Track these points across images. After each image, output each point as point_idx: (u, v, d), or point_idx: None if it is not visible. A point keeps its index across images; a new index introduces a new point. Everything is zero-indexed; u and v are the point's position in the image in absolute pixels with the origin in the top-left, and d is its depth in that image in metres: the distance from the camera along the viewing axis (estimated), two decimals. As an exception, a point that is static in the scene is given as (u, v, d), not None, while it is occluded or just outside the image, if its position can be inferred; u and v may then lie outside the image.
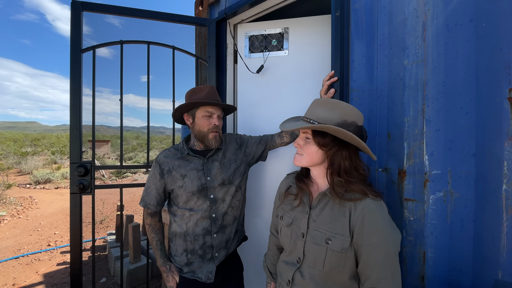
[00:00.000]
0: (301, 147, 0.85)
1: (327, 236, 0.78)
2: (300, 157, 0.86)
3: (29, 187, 8.68)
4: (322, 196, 0.84)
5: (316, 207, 0.84)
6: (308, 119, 0.82)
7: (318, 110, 0.81)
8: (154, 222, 1.25)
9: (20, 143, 32.16)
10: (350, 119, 0.78)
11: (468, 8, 0.81)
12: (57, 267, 3.39)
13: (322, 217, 0.82)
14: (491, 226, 0.77)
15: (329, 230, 0.79)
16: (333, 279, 0.78)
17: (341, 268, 0.76)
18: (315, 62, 1.58)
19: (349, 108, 0.79)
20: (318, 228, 0.81)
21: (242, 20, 1.75)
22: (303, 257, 0.84)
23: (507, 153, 0.74)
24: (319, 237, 0.80)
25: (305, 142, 0.84)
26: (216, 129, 1.18)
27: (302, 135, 0.86)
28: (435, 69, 0.88)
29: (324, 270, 0.78)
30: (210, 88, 1.21)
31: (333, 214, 0.80)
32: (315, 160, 0.83)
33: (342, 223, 0.77)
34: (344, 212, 0.78)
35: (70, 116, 1.53)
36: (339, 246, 0.76)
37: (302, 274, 0.83)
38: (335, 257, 0.76)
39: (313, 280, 0.81)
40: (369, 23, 1.07)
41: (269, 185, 1.68)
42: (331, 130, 0.76)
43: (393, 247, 0.73)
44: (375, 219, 0.73)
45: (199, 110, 1.19)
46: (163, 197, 1.24)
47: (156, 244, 1.23)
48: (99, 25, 1.66)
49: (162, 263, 1.21)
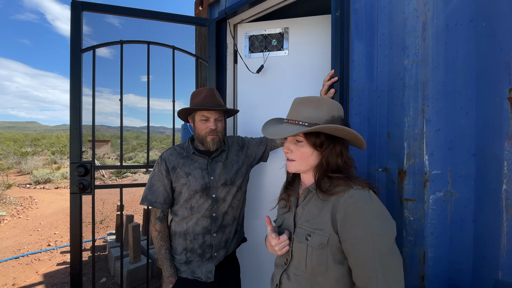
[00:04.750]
0: (292, 152, 0.79)
1: (307, 232, 0.74)
2: (293, 163, 0.80)
3: (29, 187, 8.69)
4: (307, 193, 0.81)
5: (301, 203, 0.82)
6: (296, 121, 0.76)
7: (304, 109, 0.77)
8: (164, 228, 1.20)
9: (20, 143, 32.16)
10: (336, 113, 0.77)
11: (468, 8, 0.81)
12: (57, 267, 3.39)
13: (305, 213, 0.79)
14: (491, 226, 0.77)
15: (310, 226, 0.75)
16: (319, 282, 0.72)
17: (323, 268, 0.71)
18: (315, 62, 1.58)
19: (333, 103, 0.78)
20: (301, 225, 0.78)
21: (242, 20, 1.75)
22: (290, 258, 0.80)
23: (507, 153, 0.74)
24: (301, 233, 0.76)
25: (296, 145, 0.79)
26: (213, 133, 1.19)
27: (291, 138, 0.80)
28: (435, 69, 0.87)
29: (307, 270, 0.73)
30: (208, 91, 1.21)
31: (315, 210, 0.76)
32: (310, 163, 0.78)
33: (322, 217, 0.73)
34: (326, 206, 0.73)
35: (70, 116, 1.53)
36: (317, 242, 0.71)
37: (288, 277, 0.79)
38: (315, 254, 0.71)
39: (298, 283, 0.75)
40: (369, 23, 1.07)
41: (269, 186, 1.68)
42: (332, 129, 0.73)
43: (383, 241, 0.65)
44: (358, 210, 0.66)
45: (197, 115, 1.21)
46: (170, 195, 1.22)
47: (165, 253, 1.18)
48: (99, 25, 1.66)
49: (171, 275, 1.16)
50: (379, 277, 0.63)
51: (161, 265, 1.19)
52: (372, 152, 1.06)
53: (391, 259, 0.65)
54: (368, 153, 1.07)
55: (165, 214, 1.22)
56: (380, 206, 0.70)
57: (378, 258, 0.64)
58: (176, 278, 1.17)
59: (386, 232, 0.66)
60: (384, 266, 0.64)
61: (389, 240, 0.66)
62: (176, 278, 1.17)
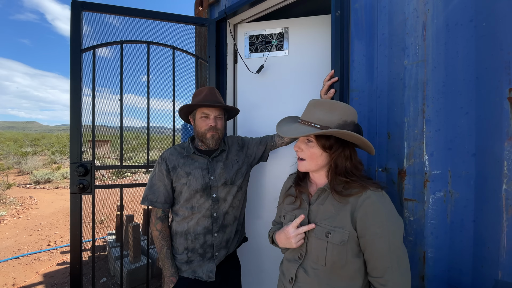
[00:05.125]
0: (302, 151, 0.84)
1: (327, 230, 0.79)
2: (303, 162, 0.85)
3: (29, 187, 8.68)
4: (321, 192, 0.85)
5: (315, 202, 0.85)
6: (309, 122, 0.81)
7: (317, 112, 0.80)
8: (165, 227, 1.21)
9: (20, 143, 32.16)
10: (349, 118, 0.79)
11: (468, 8, 0.81)
12: (57, 267, 3.39)
13: (322, 212, 0.82)
14: (491, 226, 0.77)
15: (329, 224, 0.79)
16: (337, 275, 0.78)
17: (343, 262, 0.76)
18: (315, 62, 1.58)
19: (347, 108, 0.80)
20: (319, 223, 0.81)
21: (242, 20, 1.75)
22: (305, 253, 0.84)
23: (507, 153, 0.74)
24: (320, 231, 0.80)
25: (306, 145, 0.83)
26: (213, 130, 1.20)
27: (303, 138, 0.85)
28: (435, 69, 0.87)
29: (327, 265, 0.78)
30: (208, 90, 1.24)
31: (333, 208, 0.80)
32: (319, 163, 0.83)
33: (342, 217, 0.77)
34: (344, 206, 0.78)
35: (70, 116, 1.53)
36: (338, 239, 0.76)
37: (305, 271, 0.83)
38: (336, 251, 0.76)
39: (317, 276, 0.80)
40: (369, 23, 1.07)
41: (270, 186, 1.68)
42: (341, 134, 0.76)
43: (397, 236, 0.73)
44: (377, 210, 0.73)
45: (197, 112, 1.23)
46: (171, 194, 1.22)
47: (166, 252, 1.18)
48: (99, 25, 1.66)
49: (172, 274, 1.17)
50: (394, 267, 0.72)
51: (162, 265, 1.19)
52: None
53: (402, 251, 0.74)
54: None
55: (166, 214, 1.22)
56: (392, 206, 0.77)
57: (393, 251, 0.72)
58: (177, 278, 1.17)
59: (398, 228, 0.75)
60: (398, 257, 0.73)
61: (401, 235, 0.75)
62: (177, 278, 1.17)
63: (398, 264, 0.72)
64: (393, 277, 0.72)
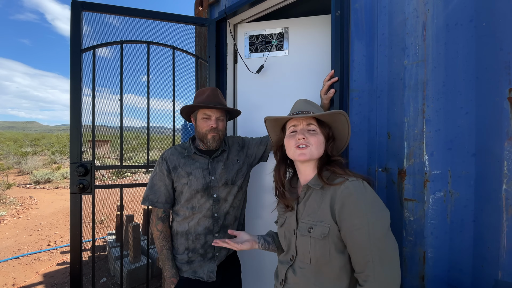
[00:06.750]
0: (307, 139, 0.82)
1: (309, 225, 0.79)
2: (308, 149, 0.81)
3: (29, 187, 8.69)
4: (306, 189, 0.85)
5: (302, 201, 0.86)
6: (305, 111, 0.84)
7: (309, 106, 0.87)
8: (165, 228, 1.20)
9: (20, 143, 32.16)
10: None
11: (468, 8, 0.81)
12: (57, 267, 3.39)
13: (307, 209, 0.83)
14: (491, 226, 0.77)
15: (311, 219, 0.79)
16: (323, 272, 0.77)
17: (327, 258, 0.74)
18: (315, 62, 1.58)
19: None
20: (303, 220, 0.82)
21: (242, 20, 1.75)
22: (295, 254, 0.83)
23: (507, 153, 0.74)
24: (303, 227, 0.80)
25: (309, 134, 0.83)
26: (214, 131, 1.20)
27: (305, 127, 0.84)
28: (435, 69, 0.88)
29: (312, 262, 0.77)
30: (211, 90, 1.23)
31: (315, 204, 0.80)
32: (321, 152, 0.83)
33: (322, 210, 0.77)
34: (325, 199, 0.78)
35: (70, 116, 1.53)
36: (319, 233, 0.75)
37: (294, 271, 0.83)
38: (318, 245, 0.75)
39: (304, 276, 0.79)
40: (369, 23, 1.07)
41: (270, 186, 1.67)
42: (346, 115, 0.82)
43: (378, 227, 0.69)
44: (355, 200, 0.71)
45: (199, 113, 1.23)
46: (172, 194, 1.22)
47: (166, 253, 1.18)
48: (99, 25, 1.66)
49: (172, 275, 1.17)
50: (375, 261, 0.67)
51: (163, 266, 1.19)
52: (372, 152, 1.06)
53: (386, 244, 0.69)
54: (368, 153, 1.07)
55: (166, 214, 1.22)
56: (374, 196, 0.74)
57: (374, 243, 0.68)
58: (178, 279, 1.17)
59: (380, 219, 0.70)
60: (380, 251, 0.68)
61: (383, 226, 0.70)
62: (178, 279, 1.17)
63: (380, 258, 0.67)
64: (374, 272, 0.67)
